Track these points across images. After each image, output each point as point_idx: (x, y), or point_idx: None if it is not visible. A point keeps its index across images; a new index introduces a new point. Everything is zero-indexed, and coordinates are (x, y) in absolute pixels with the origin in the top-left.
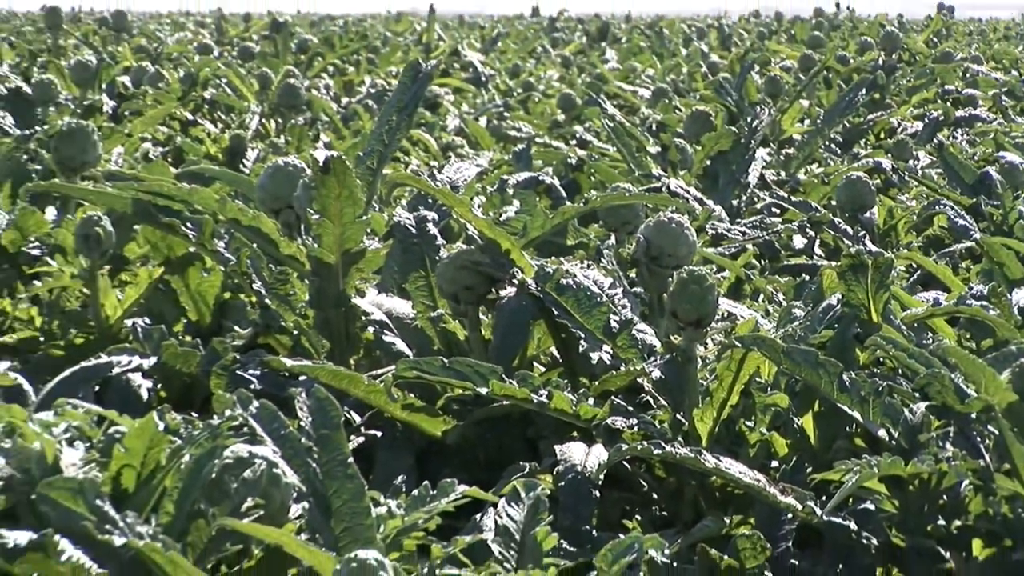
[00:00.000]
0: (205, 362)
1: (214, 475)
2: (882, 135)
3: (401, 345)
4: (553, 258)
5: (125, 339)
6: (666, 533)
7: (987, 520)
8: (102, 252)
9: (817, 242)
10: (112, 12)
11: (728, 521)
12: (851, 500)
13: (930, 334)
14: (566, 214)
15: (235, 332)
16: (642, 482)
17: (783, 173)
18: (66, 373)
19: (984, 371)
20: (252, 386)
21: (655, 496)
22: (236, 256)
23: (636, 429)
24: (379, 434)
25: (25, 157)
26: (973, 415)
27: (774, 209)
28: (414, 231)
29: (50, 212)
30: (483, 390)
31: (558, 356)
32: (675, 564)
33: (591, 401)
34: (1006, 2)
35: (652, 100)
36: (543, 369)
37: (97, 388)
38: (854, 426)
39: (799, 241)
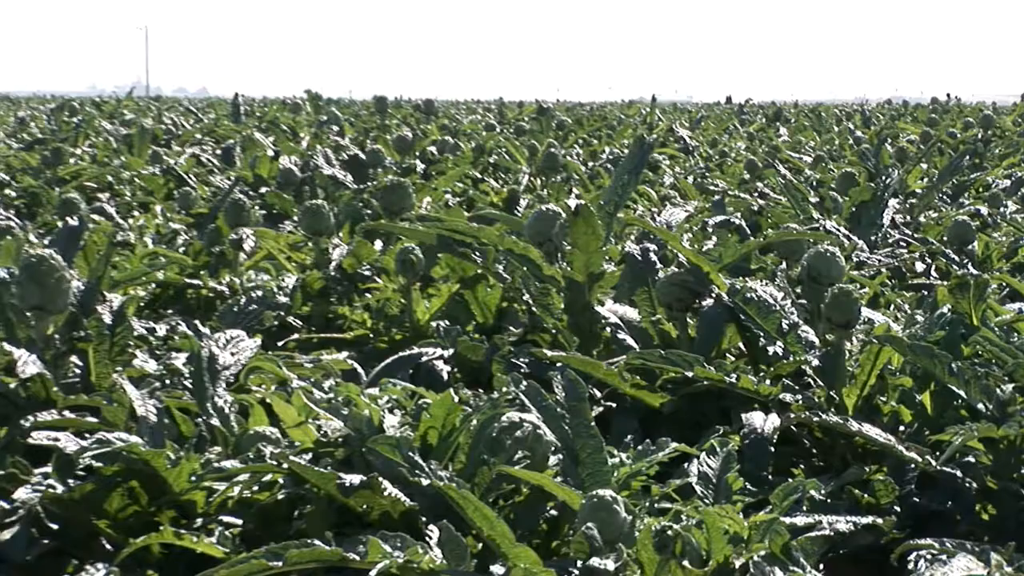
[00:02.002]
0: (488, 353)
1: (494, 434)
2: (980, 189)
3: (630, 341)
4: (740, 278)
5: (431, 336)
6: (822, 478)
7: None
8: (415, 273)
9: (933, 267)
10: (423, 100)
11: (867, 469)
12: (958, 455)
13: (1016, 334)
14: (750, 246)
15: (510, 331)
16: (804, 441)
17: (908, 217)
18: (388, 360)
19: None
20: (522, 370)
21: (814, 451)
22: (511, 276)
23: (800, 402)
24: (614, 405)
25: (360, 204)
26: None
27: (901, 243)
28: (640, 258)
29: (377, 244)
30: (689, 373)
31: (744, 349)
32: (828, 500)
33: (768, 382)
34: None
35: (812, 164)
36: (733, 358)
37: (411, 371)
38: (960, 401)
39: (920, 267)
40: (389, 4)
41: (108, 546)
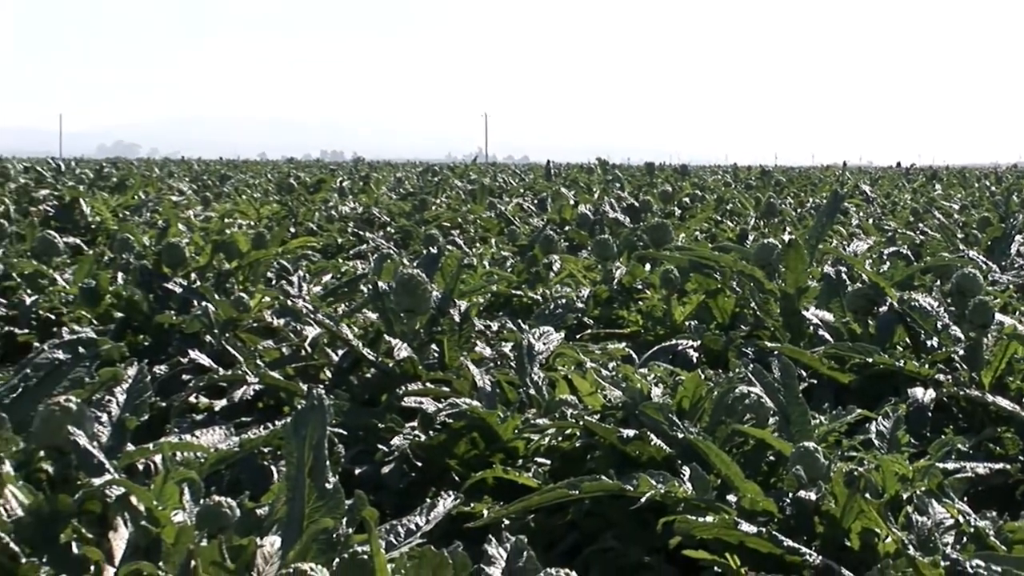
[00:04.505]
0: (725, 344)
1: (729, 402)
2: None
3: (827, 336)
4: (907, 291)
5: (685, 332)
6: (966, 435)
7: None
8: (673, 287)
9: None
10: (680, 165)
11: (999, 430)
12: None
13: None
14: (914, 269)
15: (741, 328)
16: (953, 409)
17: None
18: (654, 349)
19: None
20: (749, 356)
21: (960, 416)
22: (742, 289)
23: (950, 381)
24: (815, 382)
25: (635, 238)
26: None
27: None
28: (834, 277)
29: (647, 266)
30: (870, 359)
31: (909, 342)
32: (970, 452)
33: (927, 366)
34: None
35: (959, 211)
36: (901, 349)
37: (670, 357)
38: None
39: None
40: (662, 90)
41: (456, 478)
